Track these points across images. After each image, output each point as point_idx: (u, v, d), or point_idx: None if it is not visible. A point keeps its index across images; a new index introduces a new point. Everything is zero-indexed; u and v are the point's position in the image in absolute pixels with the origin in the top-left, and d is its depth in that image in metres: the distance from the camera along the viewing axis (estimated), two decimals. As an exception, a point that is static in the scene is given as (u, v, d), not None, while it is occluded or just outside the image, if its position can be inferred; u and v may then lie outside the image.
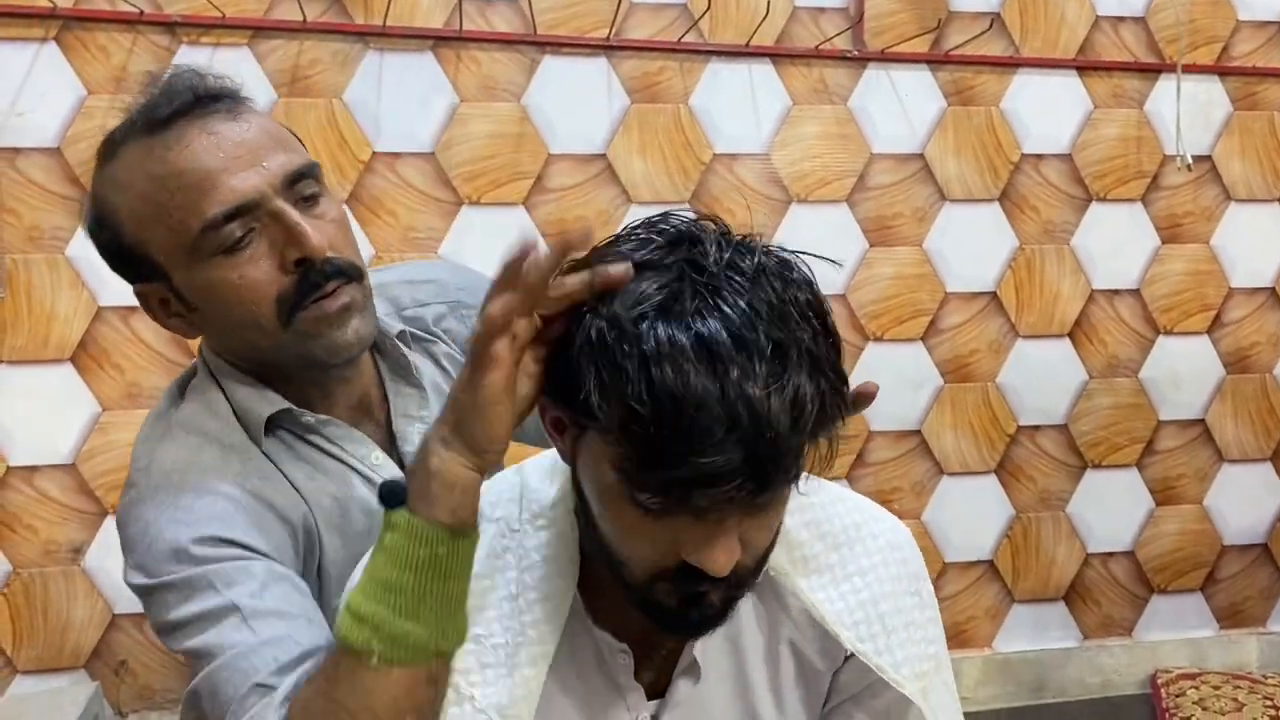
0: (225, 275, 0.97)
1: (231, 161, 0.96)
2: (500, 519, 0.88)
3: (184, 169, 0.96)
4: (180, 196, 0.96)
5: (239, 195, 0.96)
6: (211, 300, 1.00)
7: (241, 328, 1.01)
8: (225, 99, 1.01)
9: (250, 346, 1.03)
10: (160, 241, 0.98)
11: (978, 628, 2.24)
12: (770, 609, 0.88)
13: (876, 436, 2.16)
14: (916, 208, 2.14)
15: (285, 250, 0.98)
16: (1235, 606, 2.36)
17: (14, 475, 1.84)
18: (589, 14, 1.99)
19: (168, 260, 0.99)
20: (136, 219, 0.99)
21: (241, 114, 1.00)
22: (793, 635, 0.88)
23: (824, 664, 0.89)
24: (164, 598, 0.95)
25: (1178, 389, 2.28)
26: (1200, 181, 2.26)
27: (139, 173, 0.98)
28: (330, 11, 1.90)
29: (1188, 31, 2.21)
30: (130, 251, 1.01)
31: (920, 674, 0.89)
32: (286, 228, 0.97)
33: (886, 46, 2.09)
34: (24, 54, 1.81)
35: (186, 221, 0.96)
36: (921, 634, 0.91)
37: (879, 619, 0.88)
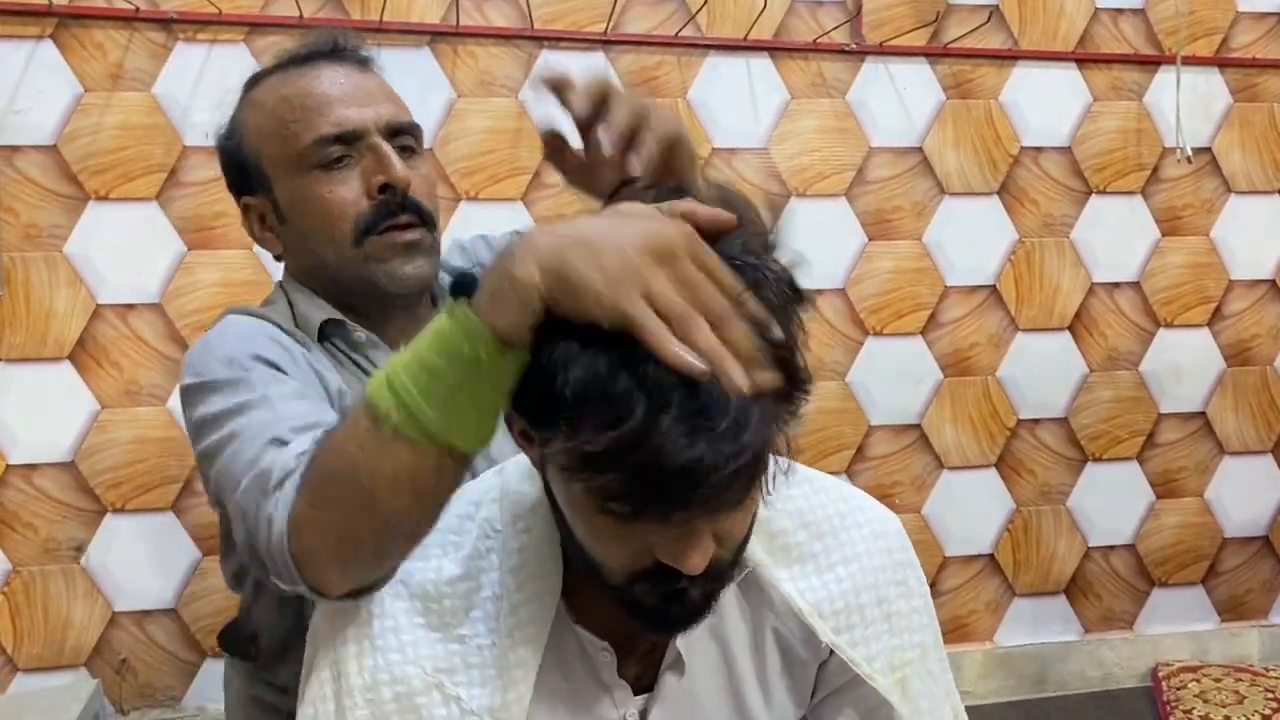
0: (318, 189, 1.12)
1: (349, 96, 1.13)
2: (484, 519, 0.87)
3: (309, 91, 1.13)
4: (300, 113, 1.12)
5: (348, 122, 1.12)
6: (301, 211, 1.14)
7: (320, 241, 1.13)
8: (359, 56, 1.20)
9: (323, 264, 1.15)
10: (273, 152, 1.14)
11: (979, 621, 2.24)
12: (753, 601, 0.88)
13: (876, 431, 2.16)
14: (916, 201, 2.14)
15: (373, 178, 1.12)
16: (1236, 599, 2.36)
17: (13, 473, 1.84)
18: (586, 8, 1.98)
19: (275, 170, 1.14)
20: (260, 132, 1.15)
21: (368, 70, 1.19)
22: (777, 625, 0.88)
23: (809, 654, 0.89)
24: (205, 395, 1.04)
25: (1178, 382, 2.28)
26: (1200, 174, 2.26)
27: (272, 94, 1.15)
28: (327, 7, 1.90)
29: (1187, 23, 2.20)
30: (247, 161, 1.17)
31: (899, 664, 0.89)
32: (379, 158, 1.12)
33: (885, 40, 2.09)
34: (20, 51, 1.80)
35: (300, 135, 1.12)
36: (905, 623, 0.90)
37: (858, 609, 0.88)
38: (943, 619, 2.30)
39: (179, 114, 1.86)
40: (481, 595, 0.84)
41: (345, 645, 0.85)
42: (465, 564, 0.85)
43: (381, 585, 0.86)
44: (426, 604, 0.84)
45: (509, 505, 0.87)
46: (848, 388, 2.13)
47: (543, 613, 0.84)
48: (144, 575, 1.89)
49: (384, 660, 0.83)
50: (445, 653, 0.83)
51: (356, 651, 0.84)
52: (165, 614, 1.90)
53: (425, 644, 0.84)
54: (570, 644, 0.86)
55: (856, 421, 2.14)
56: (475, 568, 0.85)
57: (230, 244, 1.88)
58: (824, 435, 2.12)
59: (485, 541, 0.86)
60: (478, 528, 0.87)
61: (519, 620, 0.83)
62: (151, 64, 1.85)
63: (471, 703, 0.82)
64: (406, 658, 0.83)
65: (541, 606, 0.84)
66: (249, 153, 1.17)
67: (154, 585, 1.90)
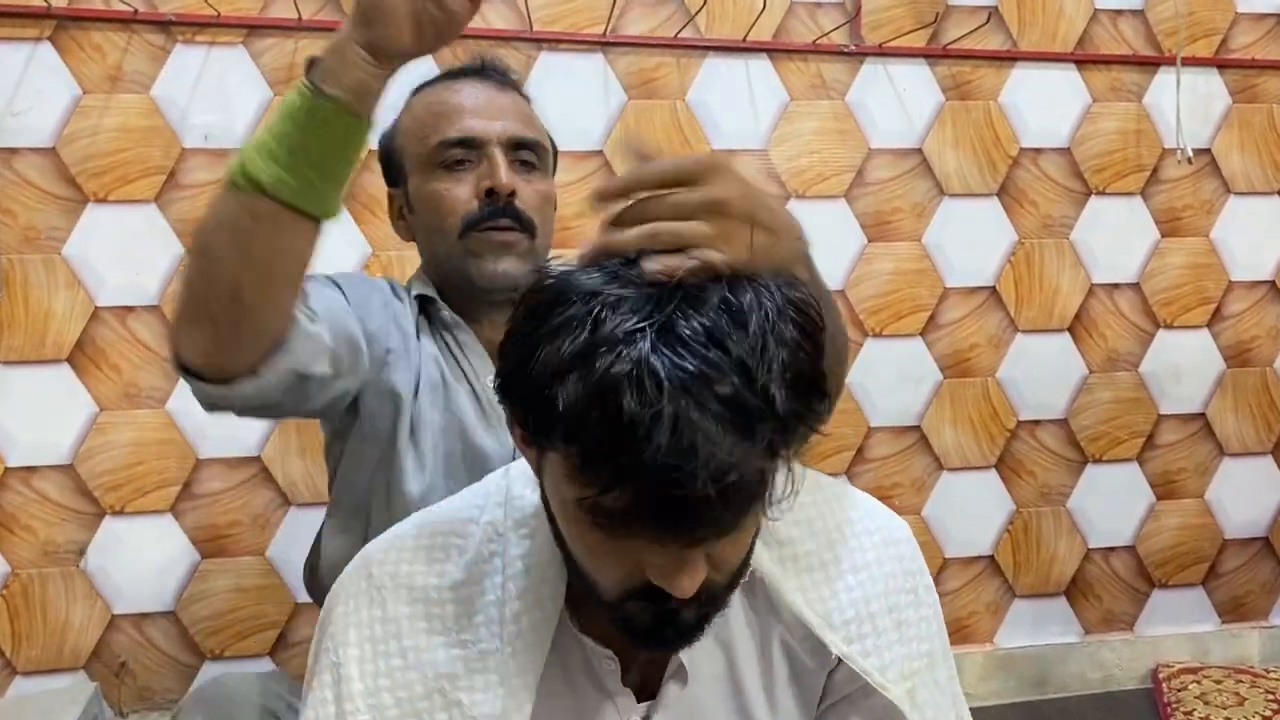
0: (437, 186, 1.27)
1: (480, 109, 1.28)
2: (487, 523, 0.87)
3: (447, 101, 1.29)
4: (436, 120, 1.28)
5: (471, 131, 1.26)
6: (423, 204, 1.29)
7: (434, 232, 1.28)
8: (501, 76, 1.34)
9: (435, 253, 1.30)
10: (411, 151, 1.30)
11: (979, 623, 2.23)
12: (760, 611, 0.88)
13: (876, 432, 2.15)
14: (915, 202, 2.14)
15: (482, 182, 1.25)
16: (1237, 600, 2.36)
17: (12, 476, 1.84)
18: (585, 10, 1.98)
19: (410, 166, 1.30)
20: (405, 132, 1.32)
21: (507, 89, 1.33)
22: (784, 636, 0.88)
23: (816, 663, 0.88)
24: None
25: (1178, 383, 2.28)
26: (1200, 175, 2.25)
27: (421, 102, 1.32)
28: (325, 9, 1.90)
29: (1186, 24, 2.20)
30: (394, 157, 1.33)
31: (909, 673, 0.88)
32: (490, 165, 1.26)
33: (884, 41, 2.08)
34: (19, 54, 1.80)
35: (431, 137, 1.27)
36: (915, 632, 0.89)
37: (869, 618, 0.87)
38: (943, 621, 2.29)
39: (178, 116, 1.86)
40: (485, 600, 0.84)
41: (347, 648, 0.84)
42: (468, 568, 0.85)
43: (243, 375, 0.97)
44: (429, 608, 0.84)
45: (513, 510, 0.87)
46: (847, 389, 2.13)
47: (545, 620, 0.83)
48: (143, 578, 1.89)
49: (385, 665, 0.83)
50: (447, 658, 0.82)
51: (358, 655, 0.84)
52: (164, 617, 1.90)
53: (427, 649, 0.83)
54: (574, 651, 0.85)
55: (856, 423, 2.14)
56: (479, 572, 0.85)
57: (229, 246, 1.88)
58: (823, 436, 2.12)
59: (489, 545, 0.86)
60: (481, 531, 0.87)
61: (521, 627, 0.83)
62: (150, 66, 1.85)
63: (473, 709, 0.81)
64: (408, 662, 0.83)
65: (544, 614, 0.83)
66: (396, 150, 1.33)
67: (153, 588, 1.89)
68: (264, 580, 1.92)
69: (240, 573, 1.92)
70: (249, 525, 1.91)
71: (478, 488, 0.92)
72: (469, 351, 1.29)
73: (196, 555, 1.91)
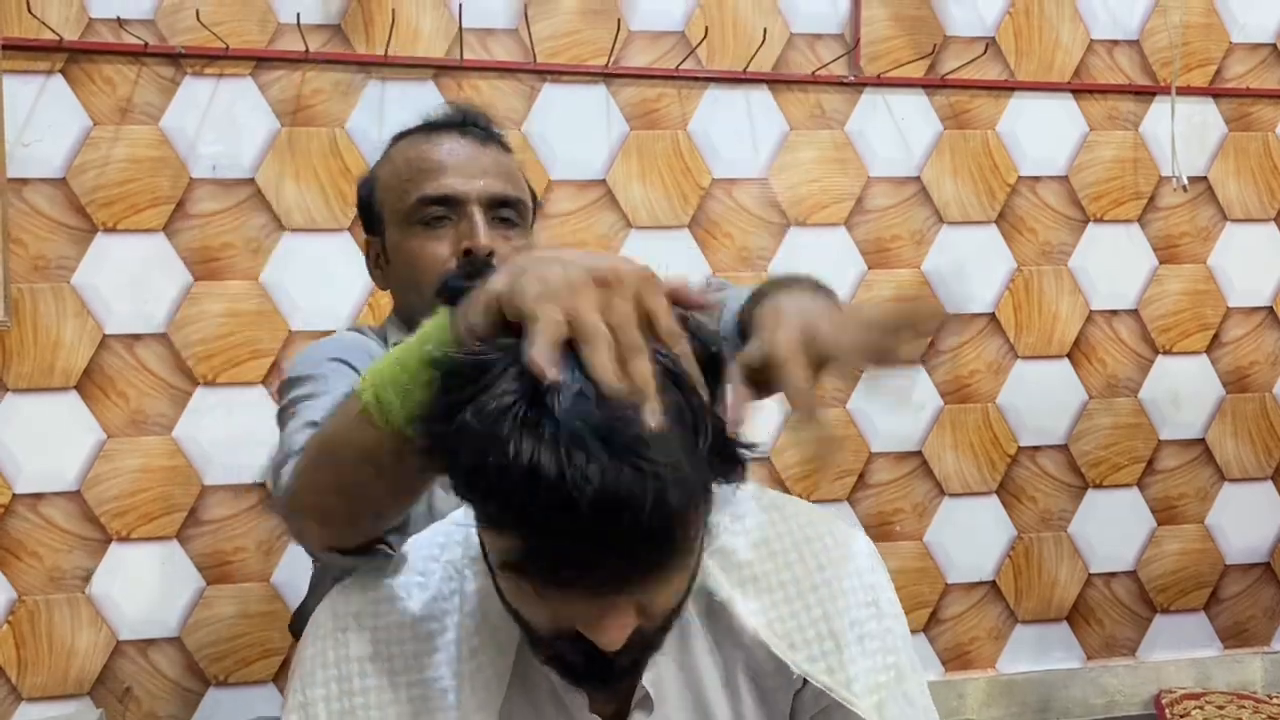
0: (414, 243, 1.27)
1: (460, 166, 1.28)
2: (447, 561, 0.88)
3: (426, 157, 1.29)
4: (415, 174, 1.28)
5: (450, 189, 1.26)
6: (400, 258, 1.29)
7: (410, 288, 1.28)
8: (483, 130, 1.34)
9: (410, 307, 1.29)
10: (390, 203, 1.30)
11: (981, 649, 2.24)
12: (721, 636, 0.88)
13: (877, 458, 2.17)
14: (914, 230, 2.16)
15: (461, 242, 1.25)
16: (1239, 626, 2.36)
17: (19, 502, 1.85)
18: (588, 42, 2.01)
19: (389, 218, 1.30)
20: (384, 183, 1.32)
21: (489, 144, 1.33)
22: (747, 660, 0.88)
23: (782, 684, 0.88)
24: (290, 387, 1.20)
25: (1177, 408, 2.29)
26: (1196, 202, 2.27)
27: (401, 153, 1.32)
28: (332, 42, 1.93)
29: (1181, 54, 2.23)
30: (371, 205, 1.34)
31: (875, 687, 0.88)
32: (470, 225, 1.25)
33: (883, 71, 2.11)
34: (31, 86, 1.83)
35: (410, 192, 1.27)
36: (878, 644, 0.89)
37: (831, 635, 0.87)
38: (945, 646, 2.31)
39: (186, 147, 1.89)
40: (445, 638, 0.85)
41: (314, 688, 0.85)
42: (428, 605, 0.86)
43: (363, 548, 0.91)
44: (389, 647, 0.85)
45: (470, 547, 0.88)
46: (849, 415, 2.14)
47: (501, 655, 0.84)
48: (148, 604, 1.90)
49: (349, 704, 0.84)
50: (408, 697, 0.83)
51: (324, 695, 0.85)
52: (169, 643, 1.91)
53: (389, 688, 0.84)
54: (540, 682, 0.85)
55: (857, 448, 2.15)
56: (438, 609, 0.86)
57: (236, 275, 1.90)
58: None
59: (449, 584, 0.87)
60: (442, 569, 0.88)
61: (479, 664, 0.83)
62: (159, 98, 1.88)
63: None
64: (369, 702, 0.84)
65: (499, 651, 0.84)
66: (375, 199, 1.34)
67: (158, 614, 1.90)
68: (268, 606, 1.93)
69: (245, 599, 1.93)
70: (254, 552, 1.93)
71: (441, 526, 0.93)
72: None
73: (201, 581, 1.92)
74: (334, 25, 1.93)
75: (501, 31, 1.99)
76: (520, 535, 0.66)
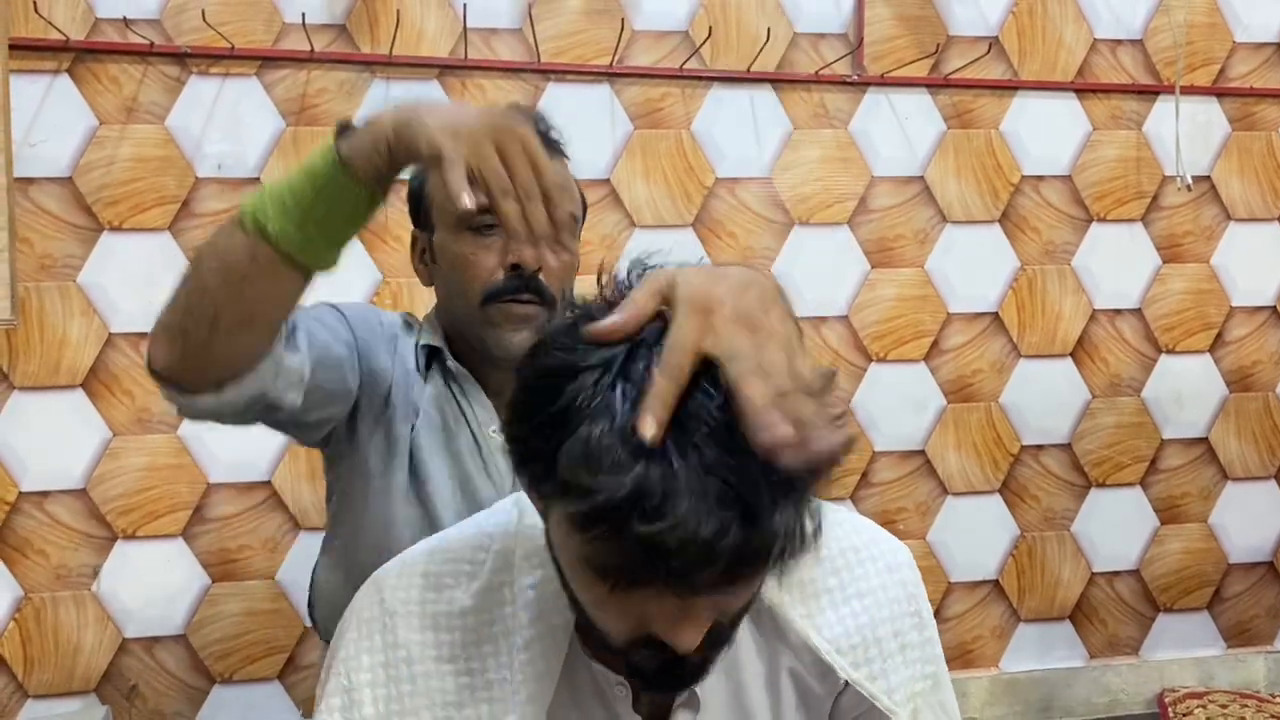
0: (463, 248, 1.26)
1: None
2: (498, 552, 0.88)
3: None
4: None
5: None
6: (447, 262, 1.29)
7: (454, 292, 1.29)
8: (544, 138, 1.27)
9: (452, 312, 1.31)
10: (441, 202, 1.29)
11: (984, 647, 2.24)
12: (768, 639, 0.88)
13: (881, 457, 2.17)
14: (918, 229, 2.16)
15: (510, 255, 1.25)
16: (1242, 625, 2.36)
17: (26, 500, 1.86)
18: (592, 42, 2.02)
19: (439, 218, 1.30)
20: (439, 182, 1.27)
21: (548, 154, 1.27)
22: (792, 665, 0.89)
23: (824, 689, 0.89)
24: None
25: (1180, 408, 2.29)
26: (1200, 201, 2.28)
27: None
28: (337, 42, 1.93)
29: (1185, 53, 2.23)
30: (423, 201, 1.33)
31: (913, 695, 0.89)
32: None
33: (886, 71, 2.11)
34: (37, 86, 1.84)
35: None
36: (918, 654, 0.91)
37: (876, 643, 0.88)
38: (948, 645, 2.30)
39: (192, 146, 1.89)
40: (494, 629, 0.85)
41: (360, 673, 0.85)
42: (478, 596, 0.86)
43: (204, 389, 1.01)
44: (438, 635, 0.85)
45: (524, 539, 0.88)
46: (852, 414, 2.14)
47: (555, 650, 0.84)
48: (154, 602, 1.90)
49: (395, 690, 0.84)
50: (455, 686, 0.83)
51: (370, 680, 0.85)
52: (175, 640, 1.91)
53: (436, 676, 0.84)
54: (584, 678, 0.86)
55: (861, 448, 2.15)
56: (488, 600, 0.86)
57: (241, 273, 1.91)
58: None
59: (499, 575, 0.86)
60: (492, 560, 0.87)
61: (531, 656, 0.83)
62: (165, 97, 1.88)
63: None
64: (417, 689, 0.84)
65: (554, 643, 0.84)
66: (426, 195, 1.33)
67: (164, 611, 1.91)
68: (274, 604, 1.94)
69: (250, 597, 1.93)
70: (259, 549, 1.93)
71: (489, 514, 0.93)
72: (474, 400, 1.30)
73: (207, 579, 1.92)
74: (339, 25, 1.93)
75: (505, 31, 1.99)
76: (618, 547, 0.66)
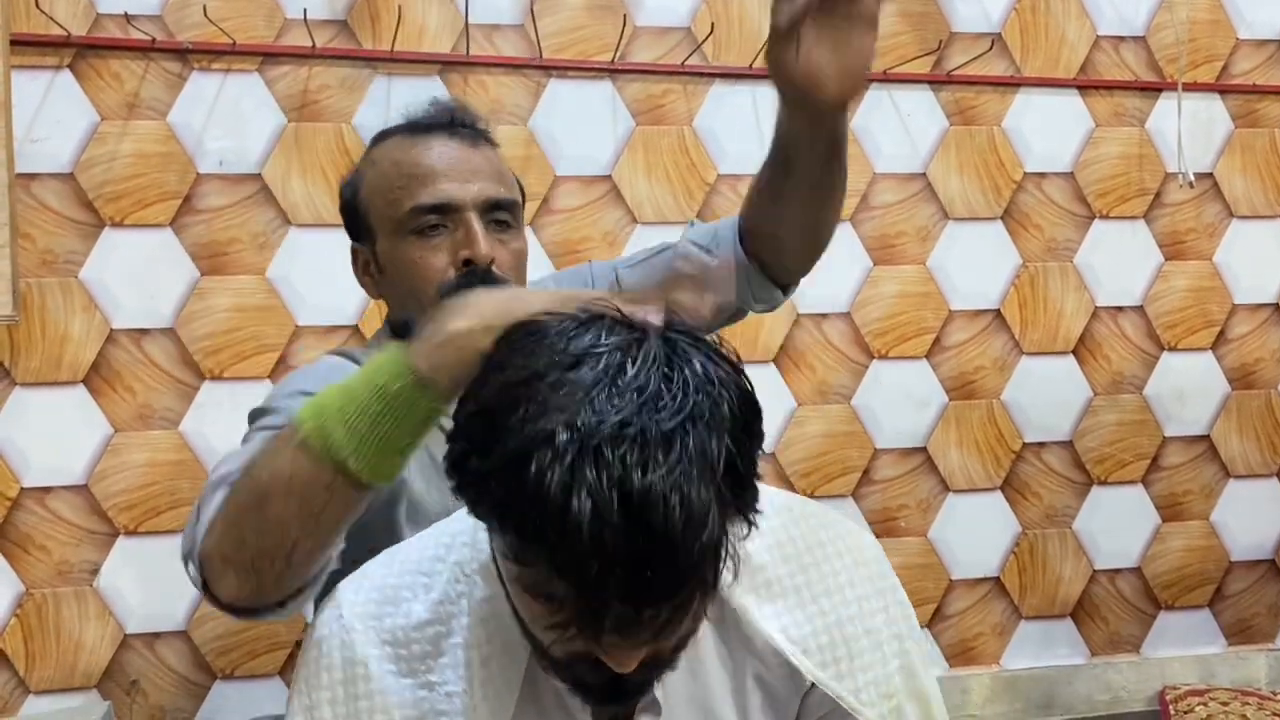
0: (410, 253, 1.23)
1: (453, 171, 1.24)
2: (455, 563, 0.87)
3: (418, 161, 1.24)
4: (406, 180, 1.23)
5: (445, 195, 1.22)
6: (395, 269, 1.25)
7: (408, 298, 1.25)
8: (472, 130, 1.30)
9: (407, 318, 1.24)
10: (380, 210, 1.26)
11: (985, 645, 2.24)
12: (732, 643, 0.88)
13: (882, 454, 2.17)
14: (919, 226, 2.16)
15: (460, 251, 1.22)
16: (1243, 623, 2.36)
17: (27, 496, 1.86)
18: (594, 38, 2.02)
19: (380, 226, 1.27)
20: (371, 189, 1.28)
21: (479, 144, 1.29)
22: (758, 670, 0.88)
23: (790, 689, 0.89)
24: (257, 417, 1.16)
25: (1183, 405, 2.29)
26: (1202, 199, 2.27)
27: (387, 156, 1.28)
28: (339, 38, 1.93)
29: (1188, 50, 2.23)
30: (357, 212, 1.30)
31: (890, 693, 0.88)
32: (468, 233, 1.22)
33: (888, 67, 2.11)
34: (38, 81, 1.84)
35: (403, 200, 1.23)
36: (894, 648, 0.90)
37: (844, 642, 0.87)
38: (949, 642, 2.31)
39: (193, 142, 1.89)
40: (451, 641, 0.84)
41: (319, 691, 0.85)
42: (435, 608, 0.85)
43: (271, 609, 0.91)
44: (396, 649, 0.85)
45: (479, 551, 0.87)
46: (853, 411, 2.14)
47: (514, 664, 0.83)
48: (155, 598, 1.90)
49: (354, 707, 0.84)
50: (414, 699, 0.83)
51: (330, 698, 0.85)
52: (176, 636, 1.92)
53: (394, 691, 0.84)
54: (546, 688, 0.85)
55: (862, 445, 2.15)
56: (445, 612, 0.85)
57: (242, 269, 1.91)
58: (829, 459, 2.13)
59: (456, 586, 0.86)
60: (449, 571, 0.87)
61: (490, 672, 0.83)
62: (167, 93, 1.88)
63: None
64: (374, 705, 0.83)
65: (513, 658, 0.83)
66: (361, 205, 1.30)
67: (165, 608, 1.91)
68: (275, 600, 1.94)
69: (251, 593, 1.93)
70: (260, 545, 1.93)
71: (445, 525, 0.92)
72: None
73: (208, 575, 1.92)
74: (340, 21, 1.93)
75: (507, 27, 1.99)
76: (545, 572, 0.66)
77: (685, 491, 0.64)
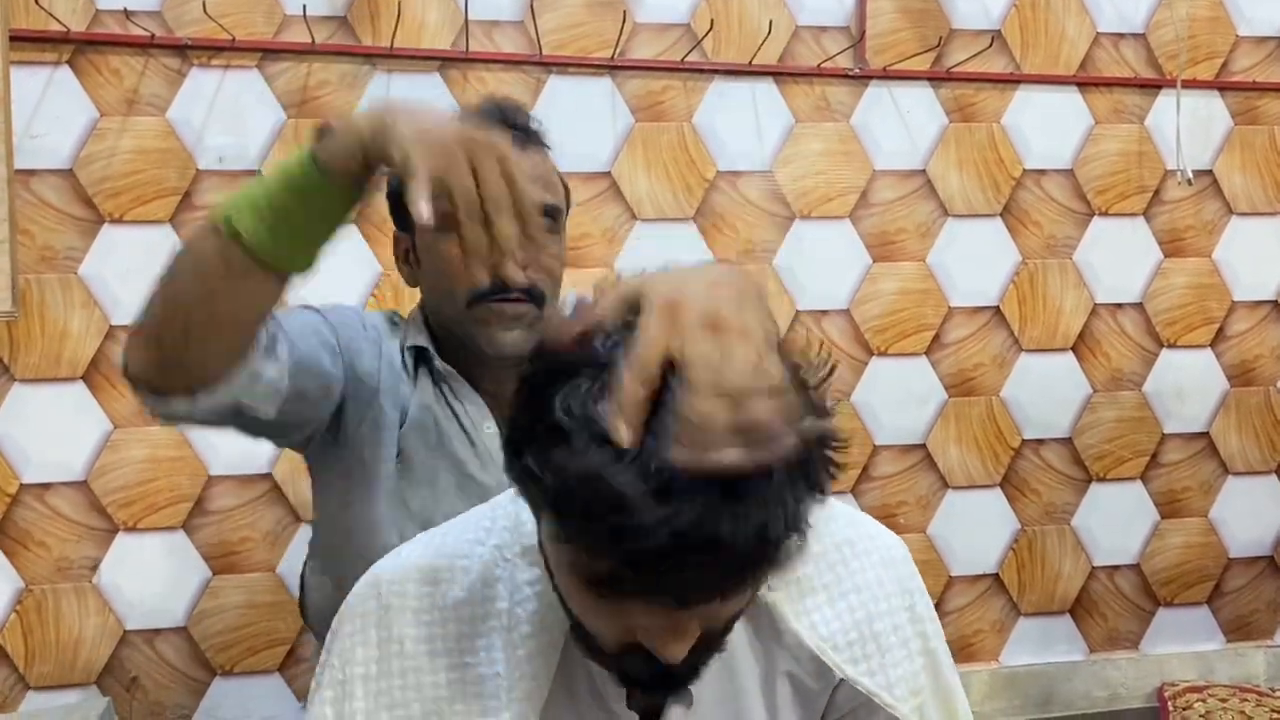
0: (447, 250, 1.23)
1: None
2: (494, 546, 0.87)
3: None
4: None
5: None
6: (431, 262, 1.29)
7: (440, 293, 1.28)
8: (524, 131, 1.28)
9: (439, 311, 1.30)
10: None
11: (984, 641, 2.24)
12: (764, 640, 0.88)
13: (881, 451, 2.17)
14: (919, 223, 2.16)
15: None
16: (1242, 619, 2.36)
17: (26, 492, 1.86)
18: (593, 35, 2.02)
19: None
20: None
21: (529, 147, 1.27)
22: (789, 666, 0.88)
23: (820, 684, 0.89)
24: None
25: (1182, 402, 2.29)
26: (1201, 196, 2.27)
27: None
28: (338, 34, 1.93)
29: (1187, 47, 2.23)
30: (401, 201, 1.24)
31: (916, 690, 0.89)
32: None
33: (888, 64, 2.11)
34: (38, 77, 1.84)
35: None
36: (918, 646, 0.91)
37: (873, 638, 0.88)
38: (948, 639, 2.30)
39: (193, 138, 1.89)
40: (488, 624, 0.84)
41: (353, 666, 0.85)
42: (473, 590, 0.85)
43: (179, 395, 1.01)
44: (432, 629, 0.85)
45: (522, 535, 0.87)
46: (853, 408, 2.14)
47: (552, 646, 0.83)
48: (155, 594, 1.91)
49: (387, 684, 0.84)
50: (447, 680, 0.83)
51: (363, 674, 0.85)
52: (175, 632, 1.92)
53: (428, 670, 0.84)
54: (580, 674, 0.85)
55: (861, 441, 2.15)
56: (483, 595, 0.85)
57: (242, 266, 1.90)
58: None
59: (495, 569, 0.86)
60: (488, 554, 0.87)
61: (528, 653, 0.83)
62: (166, 89, 1.88)
63: None
64: (408, 683, 0.83)
65: (550, 641, 0.83)
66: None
67: (164, 604, 1.91)
68: (275, 596, 1.94)
69: (251, 589, 1.93)
70: (260, 542, 1.93)
71: (486, 509, 0.92)
72: (465, 399, 1.29)
73: (208, 571, 1.92)
74: (340, 17, 1.93)
75: (507, 23, 1.99)
76: (603, 558, 0.66)
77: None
